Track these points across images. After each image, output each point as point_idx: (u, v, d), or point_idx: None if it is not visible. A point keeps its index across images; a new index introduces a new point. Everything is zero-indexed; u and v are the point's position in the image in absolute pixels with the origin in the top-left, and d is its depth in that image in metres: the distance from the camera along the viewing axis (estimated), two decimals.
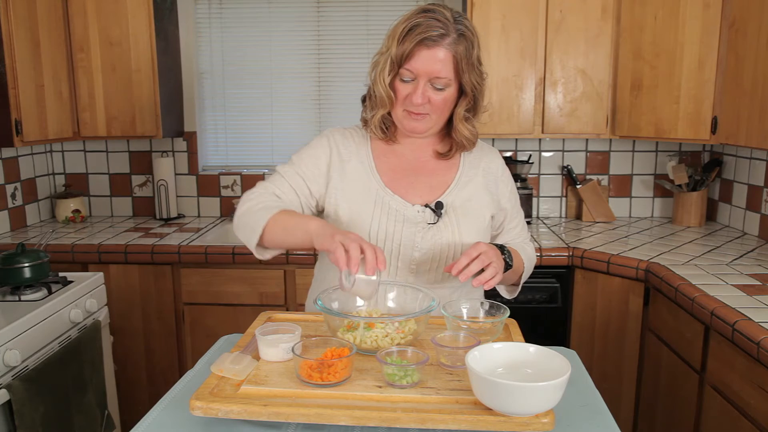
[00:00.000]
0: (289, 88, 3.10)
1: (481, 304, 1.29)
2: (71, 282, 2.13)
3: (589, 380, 1.22)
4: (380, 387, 1.03)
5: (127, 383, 2.59)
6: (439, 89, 1.32)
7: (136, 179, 3.15)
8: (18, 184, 2.85)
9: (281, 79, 3.09)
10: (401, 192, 1.41)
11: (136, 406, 2.60)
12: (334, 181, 1.42)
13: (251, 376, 1.06)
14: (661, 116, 2.48)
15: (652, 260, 2.22)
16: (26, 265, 1.98)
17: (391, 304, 1.32)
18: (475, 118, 1.41)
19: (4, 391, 1.64)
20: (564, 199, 3.09)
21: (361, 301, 1.30)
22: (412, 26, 1.29)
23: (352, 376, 1.06)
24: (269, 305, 2.51)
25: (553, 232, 2.74)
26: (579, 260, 2.41)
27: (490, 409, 0.96)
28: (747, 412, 1.60)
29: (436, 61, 1.29)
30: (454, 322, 1.22)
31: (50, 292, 2.00)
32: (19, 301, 1.93)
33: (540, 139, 3.03)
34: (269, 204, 1.33)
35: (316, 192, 1.43)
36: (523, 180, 2.95)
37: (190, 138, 3.10)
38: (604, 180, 3.06)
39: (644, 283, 2.23)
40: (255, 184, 1.43)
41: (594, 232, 2.74)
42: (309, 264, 2.48)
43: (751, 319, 1.60)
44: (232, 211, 2.99)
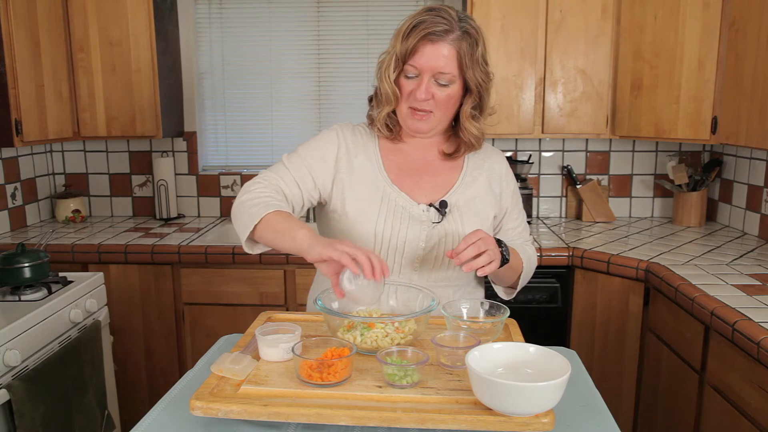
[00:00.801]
0: (289, 88, 3.10)
1: (481, 304, 1.29)
2: (71, 282, 2.13)
3: (589, 380, 1.22)
4: (380, 387, 1.03)
5: (127, 383, 2.59)
6: (443, 85, 1.33)
7: (136, 179, 3.15)
8: (18, 184, 2.85)
9: (281, 79, 3.09)
10: (407, 190, 1.41)
11: (136, 406, 2.60)
12: (341, 175, 1.41)
13: (251, 376, 1.06)
14: (661, 116, 2.48)
15: (652, 260, 2.22)
16: (26, 265, 1.98)
17: (393, 303, 1.32)
18: (482, 117, 1.42)
19: (4, 391, 1.64)
20: (564, 199, 3.09)
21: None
22: (417, 23, 1.30)
23: (352, 376, 1.06)
24: (269, 305, 2.51)
25: (553, 232, 2.74)
26: (579, 260, 2.41)
27: (490, 409, 0.96)
28: (747, 412, 1.60)
29: (439, 56, 1.29)
30: (454, 322, 1.22)
31: (50, 292, 2.01)
32: (19, 301, 1.93)
33: (540, 139, 3.03)
34: (267, 200, 1.32)
35: (321, 185, 1.42)
36: (523, 180, 2.95)
37: (190, 138, 3.10)
38: (604, 180, 3.06)
39: (644, 283, 2.23)
40: None
41: (594, 232, 2.74)
42: (309, 264, 2.43)
43: (751, 319, 1.60)
44: None
